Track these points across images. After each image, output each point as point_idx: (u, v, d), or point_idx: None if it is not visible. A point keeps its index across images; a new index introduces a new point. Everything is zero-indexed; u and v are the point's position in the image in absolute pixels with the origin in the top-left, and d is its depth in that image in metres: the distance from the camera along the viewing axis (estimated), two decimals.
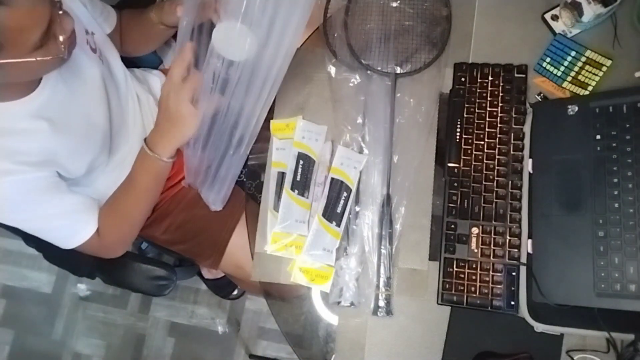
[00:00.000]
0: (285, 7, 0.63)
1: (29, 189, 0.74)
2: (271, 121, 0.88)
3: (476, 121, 0.83)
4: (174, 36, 1.08)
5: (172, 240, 1.05)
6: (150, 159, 0.79)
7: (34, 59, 0.62)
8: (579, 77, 0.83)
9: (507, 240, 0.77)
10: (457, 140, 0.83)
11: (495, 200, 0.79)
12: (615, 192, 0.71)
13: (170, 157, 0.80)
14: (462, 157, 0.82)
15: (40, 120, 0.73)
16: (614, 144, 0.74)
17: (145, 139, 0.80)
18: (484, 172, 0.81)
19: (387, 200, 0.81)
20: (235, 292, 1.57)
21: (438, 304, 0.78)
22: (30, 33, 0.60)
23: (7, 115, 0.70)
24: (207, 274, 1.56)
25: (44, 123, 0.73)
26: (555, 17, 0.85)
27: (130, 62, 1.04)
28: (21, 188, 0.73)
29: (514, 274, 0.76)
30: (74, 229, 0.82)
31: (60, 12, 0.62)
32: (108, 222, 0.84)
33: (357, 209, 0.83)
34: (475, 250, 0.78)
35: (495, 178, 0.80)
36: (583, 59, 0.83)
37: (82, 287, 1.69)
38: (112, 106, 0.88)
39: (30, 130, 0.72)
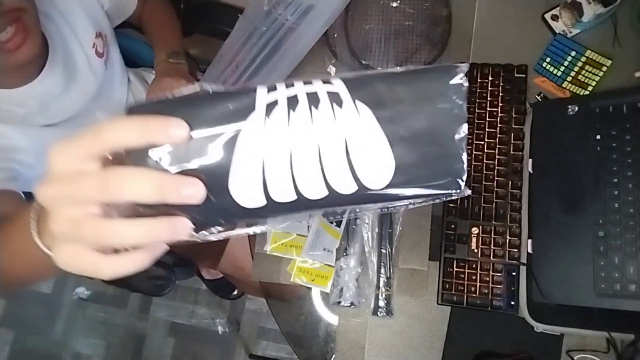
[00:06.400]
0: None
1: None
2: None
3: (476, 121, 0.83)
4: None
5: None
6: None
7: None
8: (579, 77, 0.83)
9: (507, 240, 0.77)
10: None
11: (495, 200, 0.79)
12: (615, 192, 0.71)
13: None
14: None
15: (18, 108, 0.72)
16: (614, 144, 0.73)
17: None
18: (484, 172, 0.81)
19: None
20: (235, 292, 1.57)
21: (438, 304, 0.78)
22: None
23: None
24: (207, 274, 1.56)
25: (19, 110, 0.72)
26: (555, 17, 0.85)
27: (130, 62, 1.04)
28: None
29: (514, 274, 0.76)
30: None
31: None
32: None
33: (357, 209, 0.82)
34: (475, 250, 0.78)
35: (495, 178, 0.80)
36: (583, 59, 0.83)
37: (82, 287, 1.69)
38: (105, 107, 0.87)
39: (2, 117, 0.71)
